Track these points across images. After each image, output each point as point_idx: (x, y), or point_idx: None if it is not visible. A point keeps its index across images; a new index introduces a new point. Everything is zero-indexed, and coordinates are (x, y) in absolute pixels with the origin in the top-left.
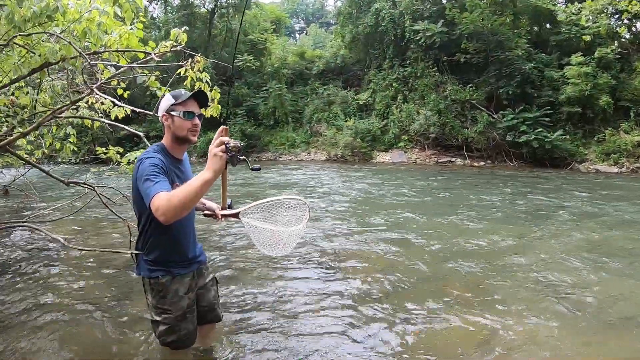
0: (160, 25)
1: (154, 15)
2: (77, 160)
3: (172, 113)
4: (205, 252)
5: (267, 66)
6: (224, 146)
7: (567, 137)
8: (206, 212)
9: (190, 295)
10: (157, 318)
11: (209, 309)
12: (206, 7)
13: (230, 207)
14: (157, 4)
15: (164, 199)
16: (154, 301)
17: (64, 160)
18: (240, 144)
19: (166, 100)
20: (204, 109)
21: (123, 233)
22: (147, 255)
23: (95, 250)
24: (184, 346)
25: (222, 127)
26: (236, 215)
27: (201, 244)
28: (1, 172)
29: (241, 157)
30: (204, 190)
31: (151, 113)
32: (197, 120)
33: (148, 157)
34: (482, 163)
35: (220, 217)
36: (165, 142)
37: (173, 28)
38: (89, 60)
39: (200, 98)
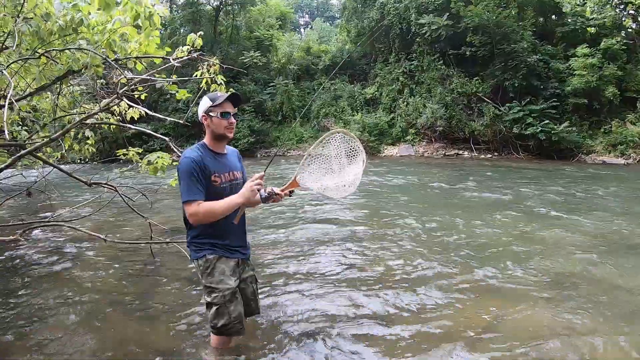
0: (166, 23)
1: (160, 14)
2: (87, 160)
3: (211, 114)
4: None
5: (273, 62)
6: (260, 187)
7: (574, 128)
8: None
9: (235, 279)
10: (208, 299)
11: (245, 304)
12: (211, 4)
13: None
14: (162, 3)
15: (194, 208)
16: (203, 280)
17: (73, 161)
18: (269, 192)
19: (204, 103)
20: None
21: (144, 229)
22: (194, 235)
23: (132, 243)
24: (235, 332)
25: (261, 174)
26: (295, 183)
27: (249, 241)
28: (21, 174)
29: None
30: (230, 210)
31: (181, 122)
32: (232, 119)
33: (186, 157)
34: (489, 155)
35: (283, 194)
36: (206, 139)
37: (179, 26)
38: (119, 68)
39: (234, 99)
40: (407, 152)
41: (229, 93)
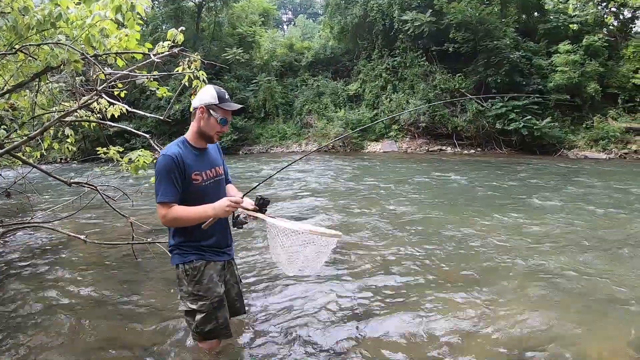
0: (148, 20)
1: (143, 5)
2: (68, 160)
3: (211, 112)
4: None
5: (256, 59)
6: (235, 209)
7: (556, 124)
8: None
9: (222, 284)
10: (193, 306)
11: (230, 304)
12: (194, 0)
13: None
14: None
15: (164, 211)
16: (189, 288)
17: (54, 160)
18: (242, 220)
19: (209, 96)
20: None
21: (126, 229)
22: (179, 239)
23: (113, 244)
24: (222, 335)
25: (238, 199)
26: (262, 216)
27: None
28: (0, 174)
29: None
30: (200, 221)
31: (161, 117)
32: (227, 128)
33: (165, 154)
34: (472, 151)
35: (251, 215)
36: (189, 134)
37: (160, 23)
38: (96, 63)
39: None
40: (390, 148)
41: (239, 107)
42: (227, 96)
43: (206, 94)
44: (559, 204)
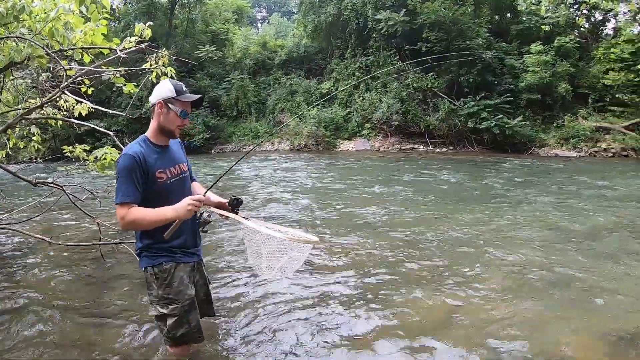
0: (120, 16)
1: (113, 7)
2: (38, 159)
3: (170, 106)
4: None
5: (229, 57)
6: (198, 208)
7: (527, 123)
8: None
9: (192, 285)
10: (164, 311)
11: (199, 306)
12: None
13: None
14: None
15: (123, 212)
16: (159, 291)
17: (24, 159)
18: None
19: (166, 90)
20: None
21: (93, 230)
22: (148, 241)
23: (79, 245)
24: (195, 340)
25: (200, 196)
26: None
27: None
28: None
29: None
30: (160, 224)
31: (123, 114)
32: (187, 121)
33: (126, 153)
34: (444, 149)
35: (223, 216)
36: (150, 132)
37: (133, 19)
38: (56, 58)
39: (196, 101)
40: (363, 147)
41: (197, 97)
42: (184, 88)
43: (163, 89)
44: (546, 200)
